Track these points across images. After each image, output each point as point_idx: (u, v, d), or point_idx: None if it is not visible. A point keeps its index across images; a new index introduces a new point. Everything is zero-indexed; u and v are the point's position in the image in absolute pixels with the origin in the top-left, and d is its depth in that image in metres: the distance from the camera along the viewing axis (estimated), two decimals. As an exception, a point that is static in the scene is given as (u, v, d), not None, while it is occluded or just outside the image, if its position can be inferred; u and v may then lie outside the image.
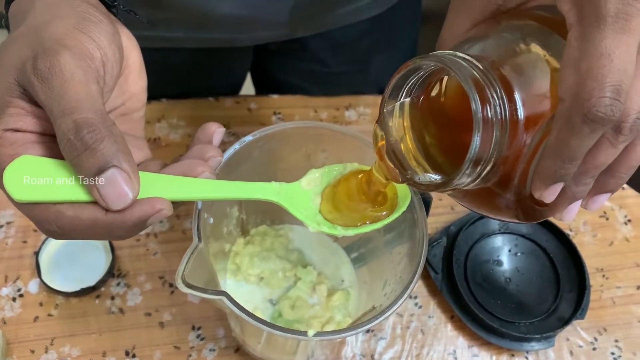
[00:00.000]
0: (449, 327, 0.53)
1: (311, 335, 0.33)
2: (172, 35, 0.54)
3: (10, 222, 0.52)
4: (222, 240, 0.45)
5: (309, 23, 0.57)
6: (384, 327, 0.52)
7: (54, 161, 0.27)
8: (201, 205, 0.36)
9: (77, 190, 0.26)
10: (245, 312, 0.33)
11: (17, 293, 0.50)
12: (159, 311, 0.50)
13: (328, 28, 0.59)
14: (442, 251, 0.55)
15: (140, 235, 0.53)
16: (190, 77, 0.64)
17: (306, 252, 0.50)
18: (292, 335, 0.33)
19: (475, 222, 0.56)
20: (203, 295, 0.32)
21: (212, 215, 0.40)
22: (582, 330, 0.54)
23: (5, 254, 0.51)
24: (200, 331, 0.50)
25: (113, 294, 0.50)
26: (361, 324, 0.35)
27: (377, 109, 0.63)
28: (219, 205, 0.41)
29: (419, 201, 0.39)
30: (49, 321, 0.49)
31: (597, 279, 0.57)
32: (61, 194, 0.26)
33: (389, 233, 0.44)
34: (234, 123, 0.60)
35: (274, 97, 0.63)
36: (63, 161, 0.27)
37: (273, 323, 0.33)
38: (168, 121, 0.59)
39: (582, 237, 0.59)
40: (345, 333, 0.35)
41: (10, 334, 0.48)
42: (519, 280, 0.55)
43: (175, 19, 0.52)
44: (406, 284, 0.36)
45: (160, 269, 0.52)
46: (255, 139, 0.40)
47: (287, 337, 0.33)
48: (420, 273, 0.37)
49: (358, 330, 0.34)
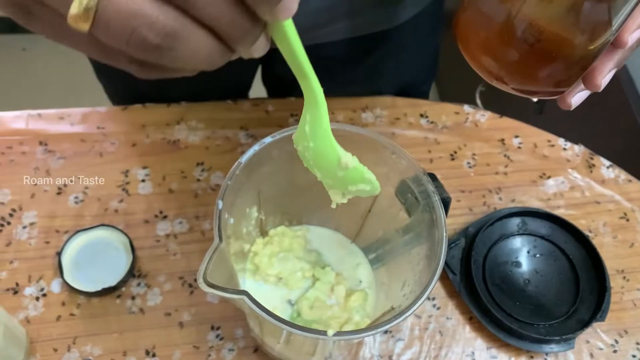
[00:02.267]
0: (467, 329, 0.53)
1: (331, 334, 0.33)
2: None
3: (33, 222, 0.53)
4: (242, 241, 0.46)
5: (323, 30, 0.57)
6: (402, 328, 0.52)
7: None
8: (222, 206, 0.36)
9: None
10: (266, 312, 0.33)
11: (40, 293, 0.50)
12: (178, 311, 0.51)
13: (343, 37, 0.59)
14: (460, 252, 0.55)
15: (160, 236, 0.54)
16: (200, 77, 0.64)
17: (324, 253, 0.50)
18: (312, 334, 0.33)
19: (493, 223, 0.56)
20: (224, 294, 0.33)
21: (232, 216, 0.40)
22: (602, 333, 0.53)
23: (28, 255, 0.52)
24: (219, 331, 0.50)
25: (133, 294, 0.51)
26: (380, 324, 0.35)
27: (394, 110, 0.63)
28: (239, 205, 0.42)
29: (438, 201, 0.39)
30: (71, 320, 0.50)
31: (618, 280, 0.56)
32: None
33: (408, 234, 0.44)
34: (252, 125, 0.61)
35: (291, 100, 0.63)
36: None
37: (293, 322, 0.33)
38: (187, 123, 0.60)
39: (601, 238, 0.58)
40: (364, 333, 0.35)
41: (33, 332, 0.49)
42: (537, 281, 0.54)
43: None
44: (425, 285, 0.36)
45: (180, 269, 0.52)
46: (274, 140, 0.40)
47: (307, 336, 0.33)
48: (439, 274, 0.37)
49: (377, 330, 0.34)
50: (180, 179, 0.57)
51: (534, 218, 0.57)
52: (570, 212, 0.60)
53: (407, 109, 0.64)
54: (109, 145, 0.58)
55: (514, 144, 0.63)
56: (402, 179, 0.42)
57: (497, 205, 0.59)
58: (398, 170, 0.42)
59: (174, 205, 0.56)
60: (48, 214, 0.54)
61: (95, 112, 0.60)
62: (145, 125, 0.59)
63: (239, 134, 0.60)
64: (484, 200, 0.59)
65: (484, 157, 0.62)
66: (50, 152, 0.57)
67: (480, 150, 0.62)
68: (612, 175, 0.62)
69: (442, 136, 0.63)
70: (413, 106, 0.64)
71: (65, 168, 0.56)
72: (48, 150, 0.57)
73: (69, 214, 0.54)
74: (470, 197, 0.60)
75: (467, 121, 0.64)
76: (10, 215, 0.54)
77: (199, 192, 0.56)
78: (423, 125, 0.63)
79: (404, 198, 0.43)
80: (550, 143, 0.64)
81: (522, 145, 0.63)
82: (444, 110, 0.64)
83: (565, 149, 0.63)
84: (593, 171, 0.62)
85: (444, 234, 0.38)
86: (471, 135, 0.63)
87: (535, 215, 0.57)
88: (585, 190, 0.61)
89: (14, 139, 0.57)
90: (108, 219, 0.54)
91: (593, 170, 0.62)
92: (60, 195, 0.55)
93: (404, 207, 0.43)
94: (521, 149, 0.63)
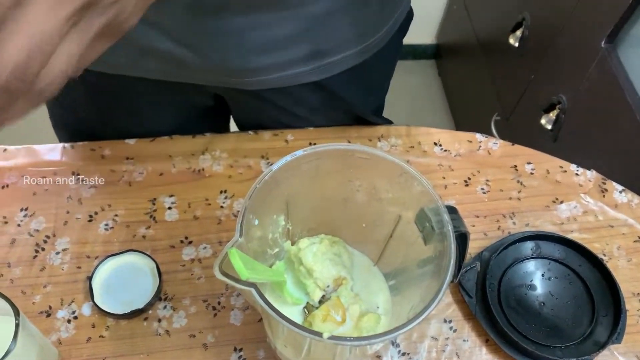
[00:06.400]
0: (484, 351, 0.54)
1: (325, 337, 0.35)
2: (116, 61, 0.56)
3: (65, 249, 0.56)
4: (265, 245, 0.47)
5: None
6: (420, 350, 0.53)
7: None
8: (247, 205, 0.39)
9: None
10: (269, 306, 0.35)
11: (71, 315, 0.53)
12: (202, 333, 0.53)
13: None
14: (475, 276, 0.56)
15: (185, 261, 0.56)
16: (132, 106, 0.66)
17: (353, 271, 0.52)
18: (308, 334, 0.35)
19: (507, 247, 0.57)
20: (235, 285, 0.35)
21: (257, 217, 0.42)
22: (619, 355, 0.54)
23: (61, 279, 0.55)
24: (241, 352, 0.52)
25: (160, 317, 0.53)
26: (377, 335, 0.36)
27: (409, 139, 0.65)
28: (266, 210, 0.44)
29: (451, 231, 0.40)
30: (101, 342, 0.52)
31: (634, 303, 0.57)
32: None
33: (424, 267, 0.45)
34: (273, 154, 0.63)
35: (310, 130, 0.66)
36: None
37: (292, 320, 0.35)
38: (211, 153, 0.63)
39: (616, 261, 0.59)
40: (361, 341, 0.36)
41: (65, 353, 0.51)
42: (553, 304, 0.55)
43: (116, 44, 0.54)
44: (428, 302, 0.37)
45: (204, 292, 0.55)
46: (305, 153, 0.43)
47: (304, 335, 0.35)
48: (444, 289, 0.38)
49: (374, 340, 0.36)
50: (204, 206, 0.60)
51: (548, 242, 0.58)
52: (583, 235, 0.61)
53: (421, 137, 0.66)
54: (137, 175, 0.61)
55: (527, 170, 0.65)
56: (421, 208, 0.44)
57: (511, 229, 0.61)
58: (417, 197, 0.44)
59: (199, 231, 0.58)
60: (79, 240, 0.57)
61: (124, 144, 0.63)
62: (171, 155, 0.62)
63: (260, 162, 0.63)
64: (498, 225, 0.61)
65: (498, 183, 0.64)
66: (82, 182, 0.60)
67: (494, 177, 0.64)
68: (625, 199, 0.63)
69: (456, 163, 0.65)
70: (427, 135, 0.67)
71: (96, 197, 0.59)
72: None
73: (99, 240, 0.57)
74: (485, 222, 0.61)
75: (480, 149, 0.66)
76: (45, 242, 0.56)
77: (222, 218, 0.59)
78: (437, 153, 0.65)
79: (422, 226, 0.44)
80: (562, 169, 0.65)
81: (534, 171, 0.65)
82: (456, 138, 0.67)
83: (578, 174, 0.65)
84: (606, 196, 0.64)
85: (451, 260, 0.39)
86: (484, 162, 0.65)
87: (548, 238, 0.58)
88: (599, 214, 0.62)
89: (48, 170, 0.61)
90: (136, 244, 0.57)
91: (606, 194, 0.64)
92: (91, 223, 0.58)
93: (421, 234, 0.45)
94: (534, 175, 0.65)
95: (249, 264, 0.37)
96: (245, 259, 0.36)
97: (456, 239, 0.41)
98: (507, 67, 1.34)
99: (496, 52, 1.39)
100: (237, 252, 0.35)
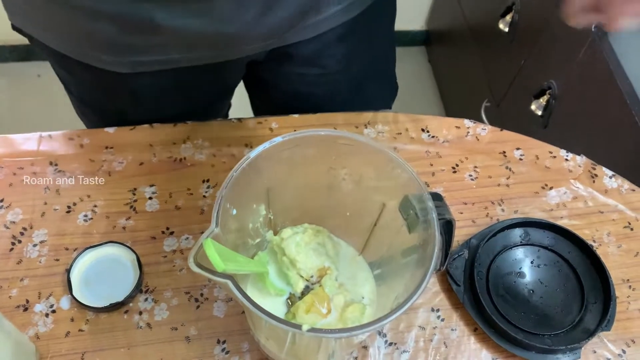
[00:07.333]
0: (472, 340, 0.53)
1: (305, 330, 0.34)
2: (168, 57, 0.57)
3: (43, 241, 0.55)
4: (245, 235, 0.46)
5: (293, 32, 0.59)
6: (407, 340, 0.52)
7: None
8: (225, 193, 0.38)
9: None
10: (246, 298, 0.34)
11: (49, 309, 0.51)
12: (185, 325, 0.51)
13: (313, 34, 0.61)
14: (463, 264, 0.55)
15: (167, 252, 0.55)
16: (188, 94, 0.66)
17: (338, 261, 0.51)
18: (287, 327, 0.34)
19: (496, 234, 0.56)
20: (211, 277, 0.34)
21: (235, 207, 0.41)
22: (609, 343, 0.53)
23: (38, 272, 0.53)
24: (225, 345, 0.51)
25: (141, 309, 0.52)
26: (358, 326, 0.35)
27: (396, 125, 0.64)
28: (245, 199, 0.43)
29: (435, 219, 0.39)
30: (80, 336, 0.51)
31: (623, 290, 0.56)
32: None
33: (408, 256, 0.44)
34: (257, 142, 0.61)
35: (295, 117, 0.64)
36: None
37: (270, 312, 0.34)
38: (193, 142, 0.61)
39: (605, 248, 0.59)
40: (342, 334, 0.35)
41: (43, 348, 0.50)
42: (542, 291, 0.54)
43: (168, 43, 0.55)
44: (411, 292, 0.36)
45: (186, 284, 0.53)
46: (284, 140, 0.41)
47: (283, 328, 0.34)
48: (428, 278, 0.37)
49: (356, 332, 0.35)
50: (186, 196, 0.58)
51: (537, 229, 0.57)
52: (573, 222, 0.60)
53: (408, 124, 0.65)
54: (117, 165, 0.59)
55: (516, 156, 0.64)
56: (405, 195, 0.43)
57: (499, 216, 0.60)
58: (402, 185, 0.42)
59: (181, 221, 0.57)
60: (58, 232, 0.55)
61: (104, 132, 0.61)
62: (152, 144, 0.61)
63: (244, 151, 0.61)
64: (486, 212, 0.60)
65: (486, 170, 0.63)
66: (60, 172, 0.58)
67: (482, 163, 0.63)
68: (615, 185, 0.62)
69: (444, 150, 0.64)
70: (414, 121, 0.65)
71: (74, 187, 0.58)
72: (58, 171, 0.59)
73: (78, 231, 0.55)
74: (473, 209, 0.60)
75: (468, 135, 0.65)
76: (22, 234, 0.55)
77: (204, 208, 0.58)
78: (424, 139, 0.64)
79: (406, 214, 0.43)
80: (552, 154, 0.64)
81: (523, 157, 0.64)
82: (444, 124, 0.65)
83: (567, 160, 0.64)
84: (596, 181, 0.63)
85: (435, 248, 0.38)
86: (472, 149, 0.64)
87: (537, 225, 0.57)
88: (588, 200, 0.62)
89: (25, 160, 0.59)
90: (116, 236, 0.55)
91: (596, 180, 0.63)
92: (70, 214, 0.56)
93: (405, 222, 0.43)
94: (523, 161, 0.64)
95: (226, 255, 0.36)
96: (221, 250, 0.35)
97: (442, 226, 0.40)
98: (497, 53, 1.33)
99: (486, 37, 1.37)
100: (212, 243, 0.34)
